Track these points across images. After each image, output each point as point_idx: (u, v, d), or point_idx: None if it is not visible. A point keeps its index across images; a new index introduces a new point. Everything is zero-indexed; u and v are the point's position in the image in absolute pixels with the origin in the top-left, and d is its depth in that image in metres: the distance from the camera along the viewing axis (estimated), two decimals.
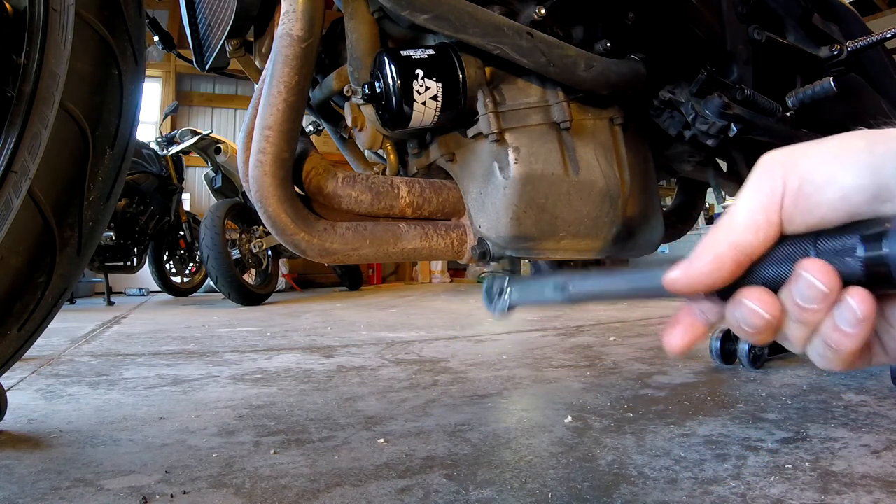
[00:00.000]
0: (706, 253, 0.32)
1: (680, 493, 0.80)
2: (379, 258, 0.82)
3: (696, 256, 0.32)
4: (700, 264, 0.32)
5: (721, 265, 0.31)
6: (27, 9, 0.84)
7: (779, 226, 0.31)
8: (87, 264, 1.00)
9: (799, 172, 0.30)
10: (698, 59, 0.93)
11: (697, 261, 0.32)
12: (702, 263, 0.32)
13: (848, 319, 0.29)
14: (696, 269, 0.32)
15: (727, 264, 0.31)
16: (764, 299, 0.31)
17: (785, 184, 0.31)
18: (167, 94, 7.45)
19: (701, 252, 0.32)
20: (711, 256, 0.32)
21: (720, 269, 0.31)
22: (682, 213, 1.39)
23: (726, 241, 0.31)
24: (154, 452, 1.00)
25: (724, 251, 0.31)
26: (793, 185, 0.30)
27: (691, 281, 0.32)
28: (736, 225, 0.32)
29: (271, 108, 0.73)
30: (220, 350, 2.16)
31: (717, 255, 0.31)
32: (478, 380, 1.55)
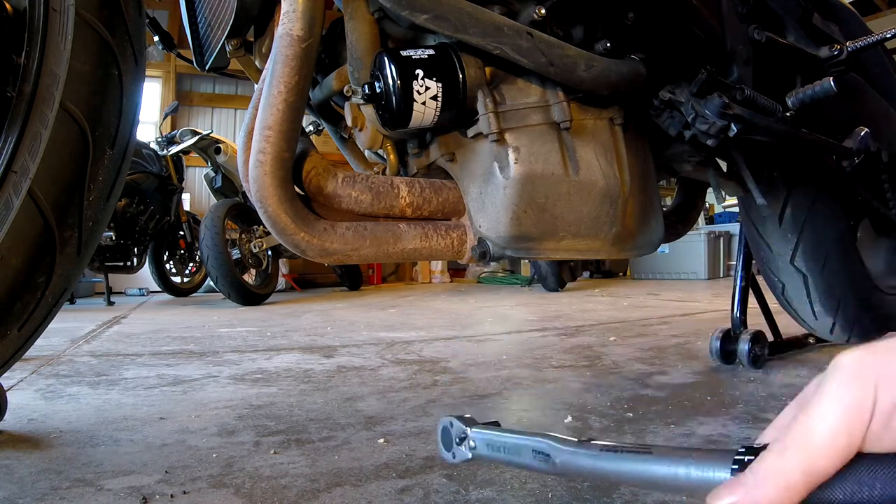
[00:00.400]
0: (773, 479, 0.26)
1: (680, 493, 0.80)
2: (379, 258, 0.82)
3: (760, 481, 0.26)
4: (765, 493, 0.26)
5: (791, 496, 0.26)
6: (27, 9, 0.84)
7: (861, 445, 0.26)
8: (87, 264, 1.00)
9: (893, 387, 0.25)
10: (698, 59, 0.93)
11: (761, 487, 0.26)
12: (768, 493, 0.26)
13: None
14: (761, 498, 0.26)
15: (798, 493, 0.26)
16: None
17: (876, 399, 0.25)
18: (167, 94, 7.45)
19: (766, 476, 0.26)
20: (782, 485, 0.26)
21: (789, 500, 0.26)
22: (682, 213, 1.39)
23: (799, 468, 0.26)
24: (154, 452, 1.00)
25: (796, 479, 0.26)
26: (885, 403, 0.25)
27: None
28: (812, 448, 0.26)
29: (271, 108, 0.73)
30: (220, 350, 2.16)
31: (788, 485, 0.26)
32: (478, 380, 1.55)
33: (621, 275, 8.03)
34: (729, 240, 7.09)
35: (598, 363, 1.75)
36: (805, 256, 1.42)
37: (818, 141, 1.01)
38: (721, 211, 7.79)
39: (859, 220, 1.56)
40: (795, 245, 1.41)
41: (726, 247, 7.08)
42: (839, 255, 1.41)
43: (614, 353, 1.92)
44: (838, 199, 1.40)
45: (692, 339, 2.18)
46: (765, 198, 1.08)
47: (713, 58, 0.97)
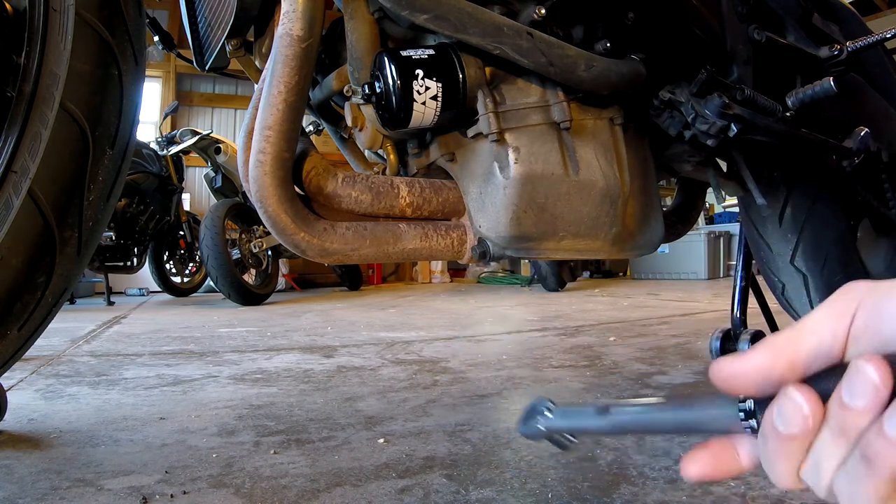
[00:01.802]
0: (762, 347, 0.30)
1: (680, 494, 0.80)
2: (379, 258, 0.82)
3: (752, 351, 0.31)
4: (753, 357, 0.30)
5: (774, 362, 0.30)
6: (27, 9, 0.84)
7: (844, 342, 0.29)
8: (87, 264, 1.00)
9: (878, 294, 0.29)
10: (698, 59, 0.93)
11: (751, 353, 0.31)
12: (755, 357, 0.30)
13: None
14: (748, 360, 0.30)
15: (780, 364, 0.30)
16: (809, 395, 0.28)
17: (861, 302, 0.29)
18: (167, 94, 7.44)
19: (757, 347, 0.31)
20: (767, 350, 0.30)
21: (772, 368, 0.30)
22: (682, 213, 1.39)
23: (785, 343, 0.30)
24: (154, 452, 1.00)
25: (781, 348, 0.30)
26: (867, 305, 0.29)
27: (738, 370, 0.31)
28: (800, 329, 0.30)
29: (271, 108, 0.73)
30: (220, 350, 2.16)
31: (773, 353, 0.30)
32: (478, 380, 1.55)
33: (621, 275, 8.03)
34: (729, 240, 7.09)
35: (598, 363, 1.75)
36: (805, 256, 1.42)
37: (818, 141, 1.01)
38: (721, 211, 7.79)
39: (859, 220, 1.56)
40: (795, 245, 1.41)
41: (726, 247, 7.08)
42: (839, 255, 1.41)
43: (614, 353, 1.92)
44: (838, 199, 1.40)
45: (692, 339, 2.18)
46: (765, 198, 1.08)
47: (713, 58, 0.97)
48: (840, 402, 0.27)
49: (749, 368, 0.30)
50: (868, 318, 0.29)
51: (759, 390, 0.30)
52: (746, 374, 0.30)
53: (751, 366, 0.30)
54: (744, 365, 0.31)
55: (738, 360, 0.31)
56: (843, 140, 1.05)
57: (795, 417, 0.28)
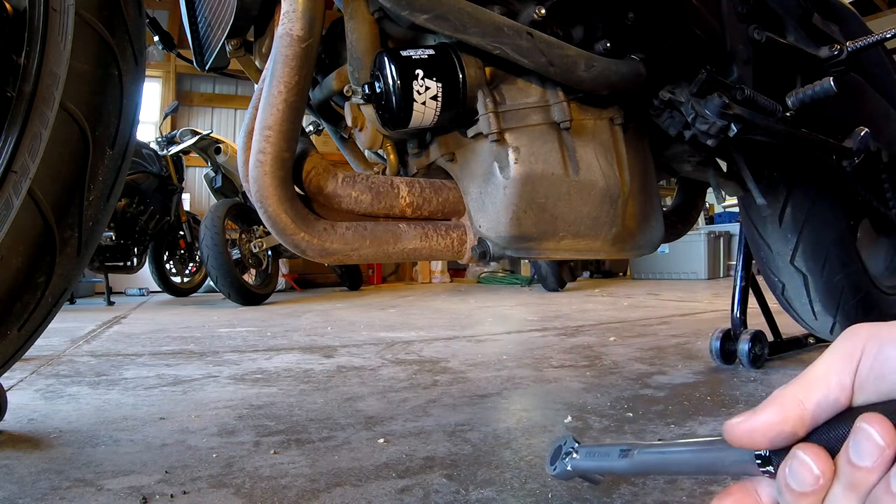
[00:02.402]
0: (772, 404, 0.31)
1: (680, 494, 0.80)
2: (379, 258, 0.82)
3: (762, 407, 0.32)
4: (764, 414, 0.31)
5: (784, 418, 0.31)
6: (27, 9, 0.84)
7: (850, 391, 0.31)
8: (87, 264, 1.00)
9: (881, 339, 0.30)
10: (698, 59, 0.93)
11: (762, 411, 0.32)
12: (766, 414, 0.31)
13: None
14: (759, 417, 0.31)
15: (790, 419, 0.31)
16: (818, 455, 0.30)
17: (865, 349, 0.30)
18: (167, 94, 7.44)
19: (767, 403, 0.32)
20: (777, 408, 0.31)
21: (783, 423, 0.31)
22: (682, 213, 1.39)
23: (794, 396, 0.31)
24: (154, 452, 1.00)
25: (790, 404, 0.31)
26: (871, 350, 0.30)
27: (751, 428, 0.31)
28: (807, 381, 0.31)
29: (271, 108, 0.73)
30: (220, 350, 2.16)
31: (783, 407, 0.31)
32: (478, 380, 1.55)
33: (621, 275, 8.03)
34: (729, 240, 7.09)
35: (598, 363, 1.75)
36: (805, 256, 1.42)
37: (818, 141, 1.01)
38: (721, 211, 7.79)
39: (859, 220, 1.56)
40: (795, 245, 1.41)
41: (726, 247, 7.08)
42: (839, 255, 1.41)
43: (614, 353, 1.92)
44: (838, 199, 1.40)
45: (692, 339, 2.18)
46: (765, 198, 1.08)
47: (713, 58, 0.97)
48: (848, 460, 0.28)
49: (760, 426, 0.31)
50: (872, 365, 0.30)
51: (773, 444, 0.31)
52: (759, 431, 0.31)
53: (762, 424, 0.31)
54: (755, 423, 0.31)
55: (749, 419, 0.32)
56: (843, 140, 1.05)
57: (807, 478, 0.29)
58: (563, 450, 0.44)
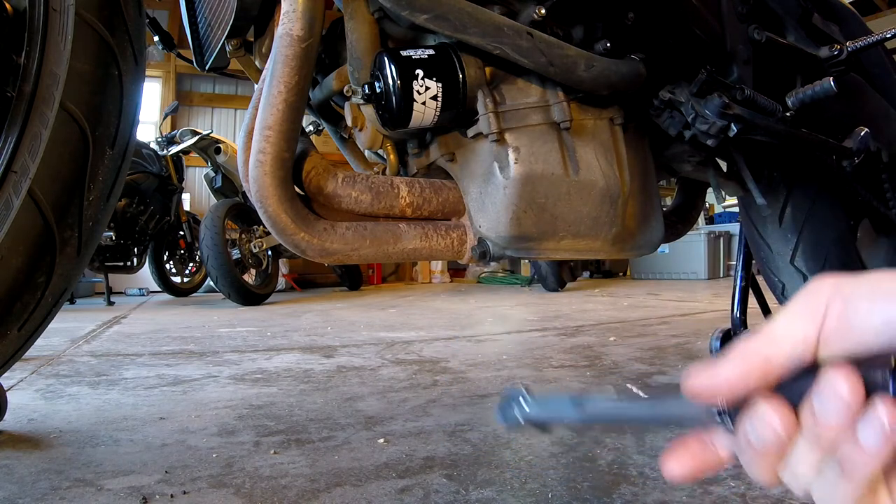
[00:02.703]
0: (735, 358, 0.30)
1: (680, 493, 0.80)
2: (379, 258, 0.82)
3: (724, 361, 0.31)
4: (725, 368, 0.30)
5: (746, 373, 0.30)
6: (27, 9, 0.84)
7: (815, 345, 0.29)
8: (87, 264, 1.00)
9: (845, 294, 0.29)
10: (698, 59, 0.93)
11: (724, 364, 0.30)
12: (727, 367, 0.30)
13: (873, 429, 0.26)
14: (720, 371, 0.30)
15: (753, 373, 0.30)
16: (780, 409, 0.29)
17: (829, 304, 0.29)
18: (167, 94, 7.44)
19: (730, 357, 0.31)
20: (739, 362, 0.30)
21: (743, 377, 0.30)
22: (682, 213, 1.39)
23: (756, 350, 0.30)
24: (154, 452, 1.00)
25: (753, 359, 0.30)
26: (836, 306, 0.29)
27: (711, 382, 0.30)
28: (771, 336, 0.30)
29: (271, 108, 0.73)
30: (220, 350, 2.16)
31: (745, 361, 0.30)
32: (478, 380, 1.55)
33: (621, 275, 8.03)
34: (729, 240, 7.08)
35: (598, 363, 1.75)
36: (805, 256, 1.42)
37: (818, 141, 1.01)
38: (721, 211, 7.79)
39: (859, 220, 1.56)
40: (795, 245, 1.41)
41: (726, 247, 7.08)
42: (839, 256, 1.41)
43: (614, 353, 1.92)
44: (838, 199, 1.40)
45: (692, 339, 2.18)
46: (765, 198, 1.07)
47: (713, 58, 0.97)
48: (812, 414, 0.28)
49: (722, 381, 0.30)
50: (837, 319, 0.29)
51: (733, 398, 0.30)
52: (720, 387, 0.30)
53: (723, 378, 0.30)
54: (716, 378, 0.30)
55: (710, 373, 0.31)
56: (843, 140, 1.05)
57: (768, 434, 0.29)
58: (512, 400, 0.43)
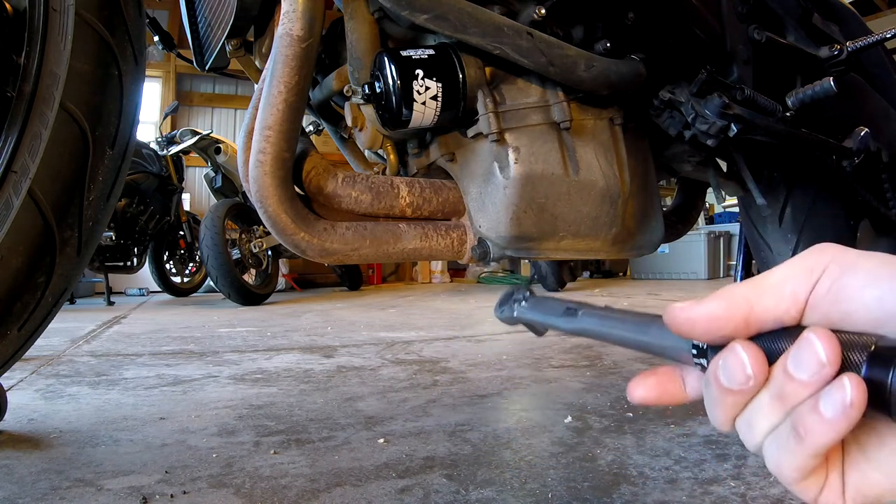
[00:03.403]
0: (719, 297, 0.30)
1: (680, 493, 0.80)
2: (379, 258, 0.82)
3: (709, 298, 0.30)
4: (709, 305, 0.30)
5: (729, 315, 0.29)
6: (27, 9, 0.84)
7: (802, 306, 0.29)
8: (87, 264, 1.00)
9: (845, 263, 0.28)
10: (698, 59, 0.93)
11: (707, 302, 0.30)
12: (711, 305, 0.30)
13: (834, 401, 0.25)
14: (703, 308, 0.30)
15: (735, 318, 0.29)
16: (755, 355, 0.28)
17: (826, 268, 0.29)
18: (167, 94, 7.44)
19: (715, 295, 0.30)
20: (724, 303, 0.30)
21: (726, 319, 0.29)
22: (682, 213, 1.39)
23: (744, 296, 0.30)
24: (154, 452, 1.00)
25: (738, 302, 0.29)
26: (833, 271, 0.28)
27: (692, 317, 0.30)
28: (761, 285, 0.30)
29: (271, 108, 0.73)
30: (220, 350, 2.16)
31: (730, 304, 0.29)
32: (478, 380, 1.55)
33: (621, 275, 8.03)
34: (729, 240, 7.08)
35: (598, 363, 1.75)
36: None
37: (818, 141, 1.01)
38: (721, 211, 7.79)
39: (859, 220, 1.56)
40: (795, 245, 1.41)
41: (726, 247, 7.08)
42: None
43: (614, 353, 1.92)
44: (838, 199, 1.40)
45: None
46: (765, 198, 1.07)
47: (713, 58, 0.97)
48: (784, 369, 0.27)
49: (703, 317, 0.30)
50: (831, 286, 0.28)
51: (712, 338, 0.30)
52: (700, 322, 0.30)
53: (705, 314, 0.30)
54: (698, 312, 0.30)
55: (693, 308, 0.30)
56: (843, 140, 1.05)
57: (738, 375, 0.28)
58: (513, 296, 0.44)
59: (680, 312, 0.30)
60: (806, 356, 0.26)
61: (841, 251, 0.29)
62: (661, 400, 0.34)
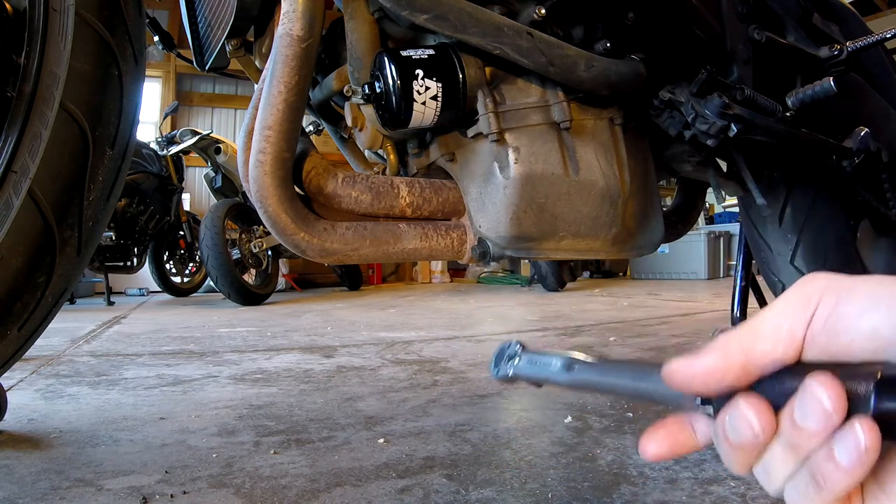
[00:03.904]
0: (716, 351, 0.29)
1: (680, 493, 0.80)
2: (379, 258, 0.82)
3: (705, 352, 0.30)
4: (706, 360, 0.29)
5: (727, 367, 0.29)
6: (27, 9, 0.84)
7: (800, 344, 0.28)
8: (87, 264, 1.00)
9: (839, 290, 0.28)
10: (698, 59, 0.93)
11: (704, 356, 0.29)
12: (708, 360, 0.29)
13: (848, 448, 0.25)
14: (700, 363, 0.29)
15: (734, 368, 0.29)
16: (760, 408, 0.28)
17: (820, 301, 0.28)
18: (167, 94, 7.44)
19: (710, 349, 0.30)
20: (720, 355, 0.29)
21: (724, 372, 0.29)
22: (682, 213, 1.39)
23: (740, 344, 0.29)
24: (154, 452, 1.00)
25: (734, 352, 0.29)
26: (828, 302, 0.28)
27: (690, 374, 0.30)
28: (755, 331, 0.29)
29: (271, 108, 0.73)
30: (220, 350, 2.16)
31: (727, 355, 0.29)
32: (478, 380, 1.55)
33: (621, 275, 8.03)
34: (729, 240, 7.08)
35: None
36: (805, 256, 1.42)
37: (818, 141, 1.01)
38: (721, 211, 7.79)
39: (859, 220, 1.56)
40: (795, 245, 1.41)
41: (726, 247, 7.08)
42: (839, 256, 1.41)
43: (614, 353, 1.92)
44: (838, 199, 1.40)
45: (692, 338, 2.18)
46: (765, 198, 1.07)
47: (713, 58, 0.97)
48: (791, 419, 0.27)
49: (701, 372, 0.29)
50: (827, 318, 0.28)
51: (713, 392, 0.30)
52: (698, 377, 0.29)
53: (702, 369, 0.29)
54: (696, 369, 0.29)
55: (690, 364, 0.30)
56: (843, 140, 1.05)
57: (745, 431, 0.28)
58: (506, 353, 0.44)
59: (678, 373, 0.30)
60: (811, 406, 0.26)
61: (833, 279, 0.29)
62: (675, 452, 0.33)
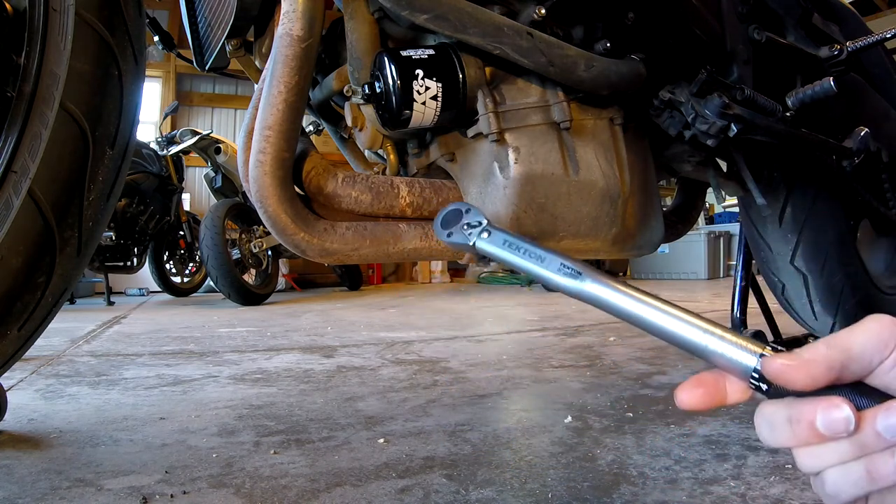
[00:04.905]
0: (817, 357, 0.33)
1: (680, 493, 0.80)
2: (379, 258, 0.82)
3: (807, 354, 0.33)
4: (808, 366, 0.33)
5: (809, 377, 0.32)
6: (27, 9, 0.84)
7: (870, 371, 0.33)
8: (87, 264, 1.00)
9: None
10: (698, 59, 0.93)
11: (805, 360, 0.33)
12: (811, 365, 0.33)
13: None
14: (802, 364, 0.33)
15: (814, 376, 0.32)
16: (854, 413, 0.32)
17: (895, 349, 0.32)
18: (167, 94, 7.44)
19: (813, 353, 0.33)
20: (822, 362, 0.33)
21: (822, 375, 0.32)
22: (682, 213, 1.39)
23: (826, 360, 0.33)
24: (154, 452, 1.00)
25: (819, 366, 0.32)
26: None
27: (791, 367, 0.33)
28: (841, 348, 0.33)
29: (271, 108, 0.73)
30: (220, 350, 2.16)
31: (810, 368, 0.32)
32: (478, 380, 1.55)
33: (621, 275, 8.03)
34: (729, 240, 7.09)
35: (598, 363, 1.75)
36: (805, 256, 1.42)
37: (818, 141, 1.01)
38: (721, 211, 7.79)
39: (859, 220, 1.56)
40: (795, 245, 1.41)
41: (726, 247, 7.08)
42: (839, 255, 1.41)
43: (614, 353, 1.92)
44: (838, 199, 1.40)
45: None
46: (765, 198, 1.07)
47: (713, 58, 0.97)
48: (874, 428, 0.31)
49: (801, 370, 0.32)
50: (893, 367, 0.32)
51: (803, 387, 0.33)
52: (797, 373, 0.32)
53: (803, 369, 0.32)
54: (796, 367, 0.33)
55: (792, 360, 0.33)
56: (843, 140, 1.05)
57: (840, 426, 0.31)
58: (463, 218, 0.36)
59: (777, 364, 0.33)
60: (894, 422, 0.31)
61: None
62: (706, 405, 0.36)
